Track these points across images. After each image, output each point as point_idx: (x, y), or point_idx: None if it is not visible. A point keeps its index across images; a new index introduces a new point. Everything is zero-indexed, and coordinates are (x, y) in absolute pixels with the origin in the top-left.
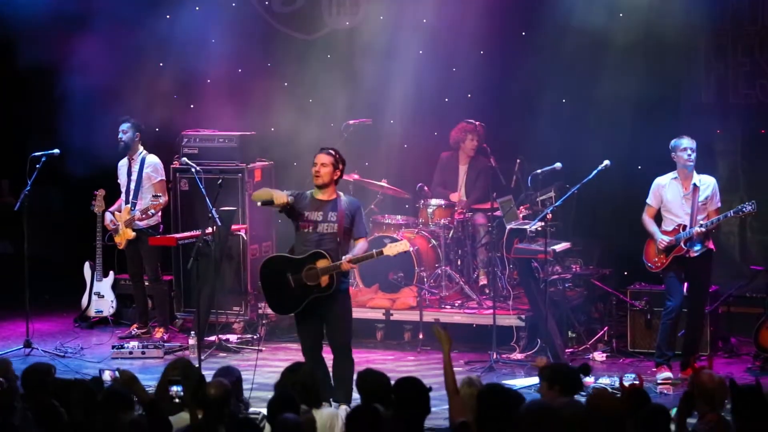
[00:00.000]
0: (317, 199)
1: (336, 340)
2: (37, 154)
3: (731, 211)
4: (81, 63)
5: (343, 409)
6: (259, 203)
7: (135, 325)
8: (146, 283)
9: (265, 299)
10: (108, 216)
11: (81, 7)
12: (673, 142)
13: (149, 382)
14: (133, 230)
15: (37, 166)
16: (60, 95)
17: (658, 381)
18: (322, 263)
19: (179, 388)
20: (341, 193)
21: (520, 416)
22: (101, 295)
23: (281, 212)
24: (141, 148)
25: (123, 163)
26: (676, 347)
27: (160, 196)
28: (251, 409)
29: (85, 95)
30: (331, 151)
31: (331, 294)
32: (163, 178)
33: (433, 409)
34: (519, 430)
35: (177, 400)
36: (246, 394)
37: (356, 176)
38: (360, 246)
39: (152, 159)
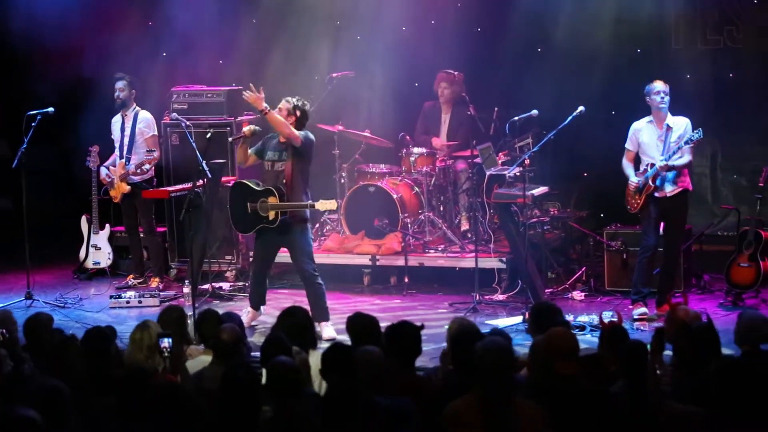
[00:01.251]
0: (279, 141)
1: (299, 266)
2: (32, 112)
3: (683, 142)
4: (71, 23)
5: (327, 327)
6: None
7: (131, 276)
8: (141, 235)
9: (230, 216)
10: (103, 171)
11: None
12: (647, 87)
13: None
14: (128, 184)
15: (33, 124)
16: (54, 55)
17: (635, 317)
18: (272, 200)
19: (169, 341)
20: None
21: (476, 350)
22: (98, 248)
23: (246, 143)
24: (134, 104)
25: (116, 119)
26: (651, 285)
27: (153, 150)
28: (252, 354)
29: (77, 54)
30: (289, 98)
31: (279, 227)
32: (155, 133)
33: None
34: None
35: (167, 354)
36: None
37: (340, 127)
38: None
39: (145, 115)
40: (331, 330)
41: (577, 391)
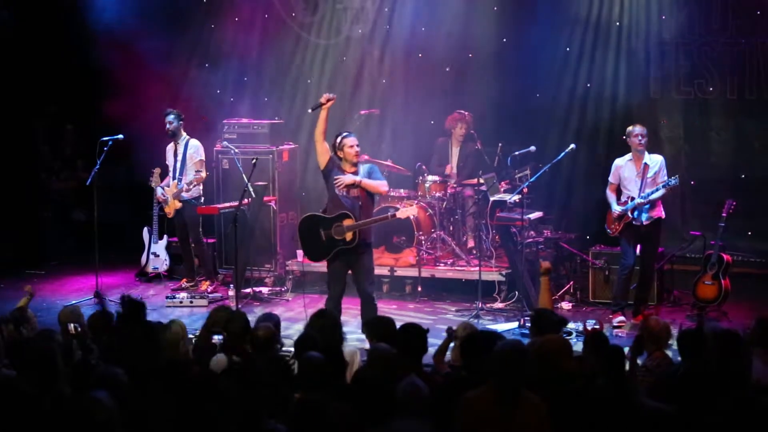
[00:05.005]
0: (343, 169)
1: (362, 288)
2: (104, 138)
3: (661, 185)
4: (142, 66)
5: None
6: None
7: (184, 279)
8: (192, 245)
9: (302, 248)
10: (159, 191)
11: (143, 17)
12: (628, 129)
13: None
14: (179, 201)
15: (105, 148)
16: (125, 92)
17: (614, 324)
18: (347, 222)
19: (220, 337)
20: (359, 164)
21: (493, 351)
22: (157, 255)
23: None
24: (184, 133)
25: (170, 147)
26: (629, 298)
27: (200, 171)
28: (284, 349)
29: (145, 91)
30: (353, 134)
31: (355, 247)
32: (203, 158)
33: (429, 349)
34: (492, 361)
35: (217, 349)
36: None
37: (366, 156)
38: None
39: (194, 142)
40: None
41: (571, 387)
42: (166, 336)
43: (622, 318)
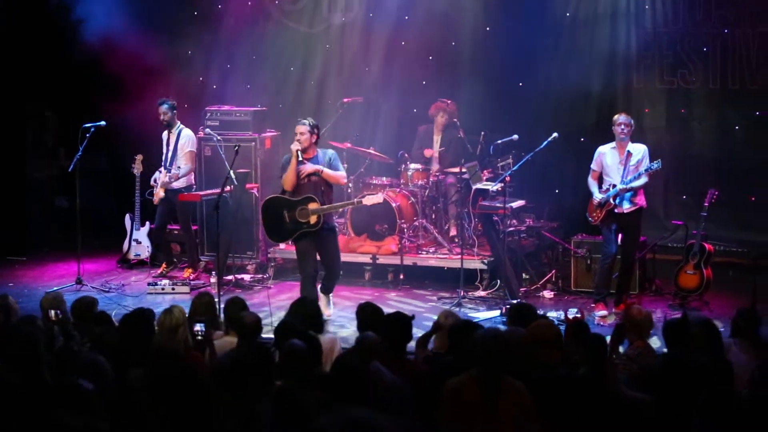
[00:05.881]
0: (304, 159)
1: (329, 265)
2: (87, 125)
3: (643, 170)
4: (127, 52)
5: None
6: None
7: (164, 265)
8: (175, 232)
9: (264, 229)
10: (156, 174)
11: (126, 4)
12: (613, 117)
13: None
14: (166, 190)
15: (87, 135)
16: (108, 77)
17: (596, 316)
18: (313, 205)
19: (202, 327)
20: (319, 150)
21: (474, 339)
22: (139, 242)
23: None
24: (178, 122)
25: (164, 136)
26: (611, 287)
27: (188, 164)
28: (264, 336)
29: (128, 78)
30: (304, 121)
31: (319, 230)
32: (193, 149)
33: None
34: (474, 349)
35: (200, 337)
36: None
37: (349, 144)
38: None
39: (187, 132)
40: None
41: (554, 375)
42: (164, 321)
43: (604, 312)
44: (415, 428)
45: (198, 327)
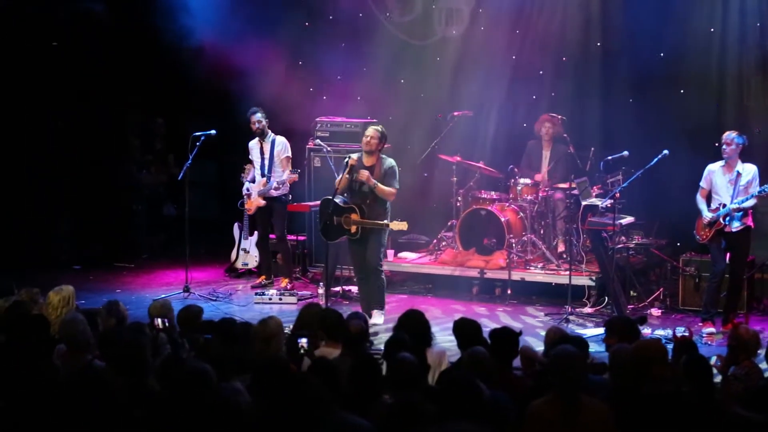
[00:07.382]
0: (363, 164)
1: (368, 260)
2: (197, 134)
3: (756, 192)
4: (238, 65)
5: (377, 314)
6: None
7: (262, 277)
8: (276, 242)
9: (319, 224)
10: (247, 185)
11: (238, 14)
12: (723, 135)
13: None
14: (264, 199)
15: (197, 143)
16: (218, 88)
17: (704, 334)
18: (354, 216)
19: (305, 341)
20: (382, 157)
21: (550, 357)
22: (247, 251)
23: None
24: (269, 130)
25: (253, 144)
26: (719, 306)
27: (297, 171)
28: (374, 348)
29: (240, 89)
30: (376, 126)
31: (359, 239)
32: (290, 155)
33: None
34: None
35: (302, 352)
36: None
37: (458, 158)
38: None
39: (281, 139)
40: (380, 317)
41: (665, 392)
42: (259, 331)
43: (712, 329)
44: None
45: (302, 341)
